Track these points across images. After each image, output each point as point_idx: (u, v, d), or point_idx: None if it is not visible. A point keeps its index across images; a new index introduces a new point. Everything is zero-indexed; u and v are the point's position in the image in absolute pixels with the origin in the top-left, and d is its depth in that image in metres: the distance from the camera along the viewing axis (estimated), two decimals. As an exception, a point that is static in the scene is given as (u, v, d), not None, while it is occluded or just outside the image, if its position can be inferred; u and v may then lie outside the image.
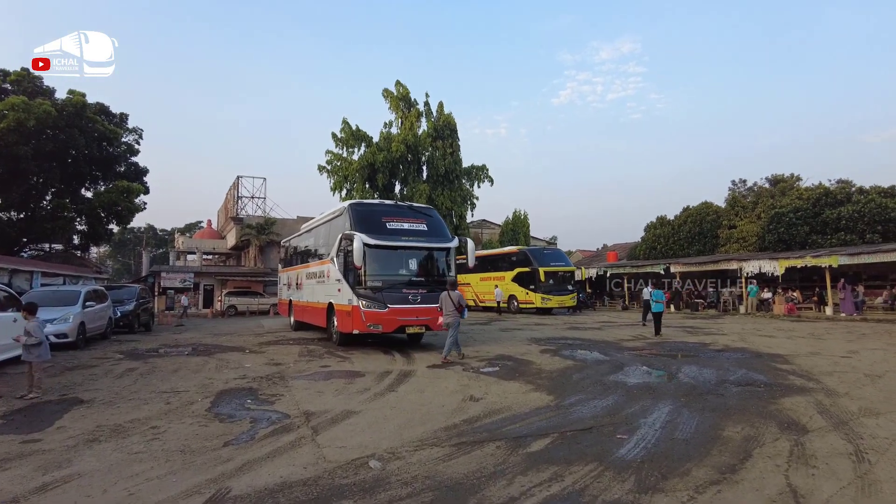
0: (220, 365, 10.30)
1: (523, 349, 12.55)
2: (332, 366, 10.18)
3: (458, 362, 10.43)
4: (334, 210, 14.24)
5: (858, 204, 27.08)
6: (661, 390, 7.51)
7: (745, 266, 26.21)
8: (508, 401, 6.95)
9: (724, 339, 14.47)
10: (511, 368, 9.69)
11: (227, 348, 13.29)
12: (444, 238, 12.94)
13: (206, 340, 15.54)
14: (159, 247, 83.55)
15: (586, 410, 6.42)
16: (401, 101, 39.47)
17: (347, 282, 12.25)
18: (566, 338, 15.45)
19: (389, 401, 7.02)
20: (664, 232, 35.97)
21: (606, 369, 9.52)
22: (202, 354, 12.01)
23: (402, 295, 12.00)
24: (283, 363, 10.50)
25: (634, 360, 10.60)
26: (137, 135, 28.78)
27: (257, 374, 9.22)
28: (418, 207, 13.65)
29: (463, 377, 8.81)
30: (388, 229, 12.29)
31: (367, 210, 12.98)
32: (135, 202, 27.08)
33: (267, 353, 12.29)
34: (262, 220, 40.07)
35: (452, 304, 10.87)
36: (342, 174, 36.28)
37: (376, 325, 11.74)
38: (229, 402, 7.07)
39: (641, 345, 13.50)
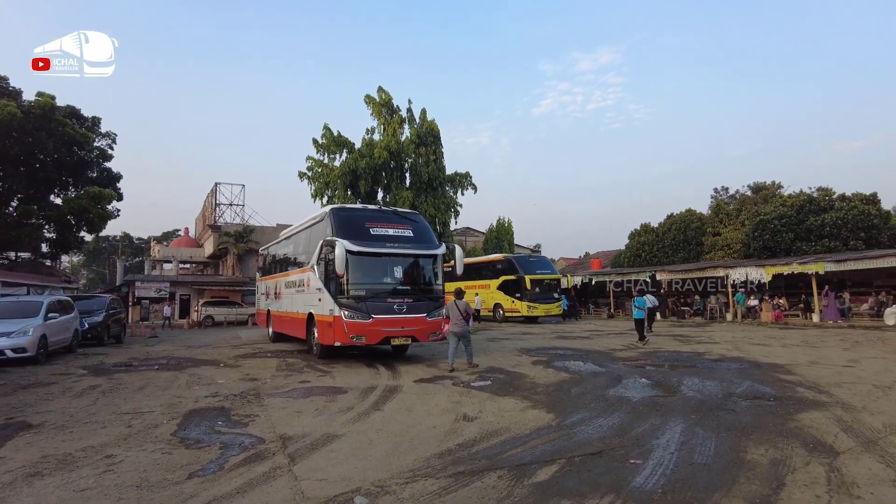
0: (191, 381, 9.56)
1: (514, 360, 12.00)
2: (311, 381, 9.51)
3: (448, 376, 9.84)
4: (315, 215, 13.59)
5: (841, 211, 27.15)
6: (668, 406, 7.00)
7: (732, 273, 26.08)
8: (506, 420, 6.37)
9: (717, 348, 14.10)
10: (504, 382, 9.12)
11: (200, 362, 12.51)
12: (430, 244, 12.36)
13: (180, 353, 14.71)
14: (135, 256, 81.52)
15: (592, 431, 5.86)
16: (383, 108, 38.88)
17: (329, 291, 11.60)
18: (556, 348, 14.95)
19: (375, 422, 6.39)
20: (649, 239, 35.84)
21: (604, 382, 9.00)
22: (173, 369, 11.22)
23: (387, 304, 11.38)
24: (259, 378, 9.80)
25: (631, 372, 10.11)
26: (111, 139, 27.75)
27: (231, 391, 8.52)
28: (404, 212, 13.06)
29: (454, 393, 8.22)
30: (371, 235, 11.68)
31: (350, 215, 12.36)
32: (107, 209, 26.03)
33: (243, 366, 11.56)
34: (241, 228, 39.09)
35: (459, 313, 10.74)
36: (323, 181, 35.50)
37: (359, 337, 11.10)
38: (198, 424, 6.38)
39: (635, 355, 13.04)
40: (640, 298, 16.28)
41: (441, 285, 12.46)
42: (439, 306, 12.11)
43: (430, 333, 11.83)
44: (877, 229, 26.74)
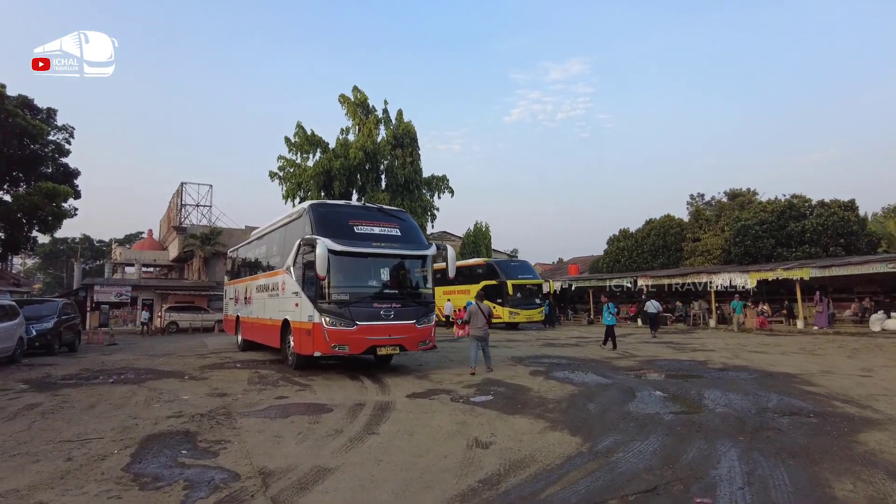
0: (150, 397, 8.33)
1: (510, 371, 11.08)
2: (289, 396, 8.40)
3: (444, 390, 8.86)
4: (291, 212, 12.46)
5: (821, 217, 27.15)
6: (707, 426, 6.15)
7: (715, 279, 25.71)
8: (526, 446, 5.42)
9: (716, 356, 13.45)
10: (507, 397, 8.18)
11: (162, 373, 11.23)
12: (419, 244, 11.37)
13: (139, 363, 13.34)
14: (96, 259, 78.07)
15: (633, 459, 4.96)
16: (358, 108, 37.76)
17: (307, 295, 10.50)
18: (548, 356, 14.12)
19: (372, 450, 5.36)
20: (628, 245, 35.48)
21: (618, 396, 8.15)
22: (130, 382, 9.93)
23: (373, 310, 10.34)
24: (229, 393, 8.63)
25: (641, 384, 9.29)
26: (68, 133, 25.96)
27: (197, 409, 7.36)
28: (390, 210, 12.02)
29: (455, 411, 7.23)
30: (356, 234, 10.63)
31: (331, 211, 11.29)
32: (63, 207, 24.21)
33: (210, 379, 10.34)
34: (208, 230, 37.39)
35: (483, 316, 10.95)
36: (296, 181, 34.15)
37: (342, 346, 10.02)
38: (157, 454, 5.26)
39: (634, 364, 12.27)
40: (611, 304, 16.28)
41: (431, 289, 11.47)
42: (429, 312, 11.12)
43: (419, 342, 10.83)
44: (855, 235, 26.80)
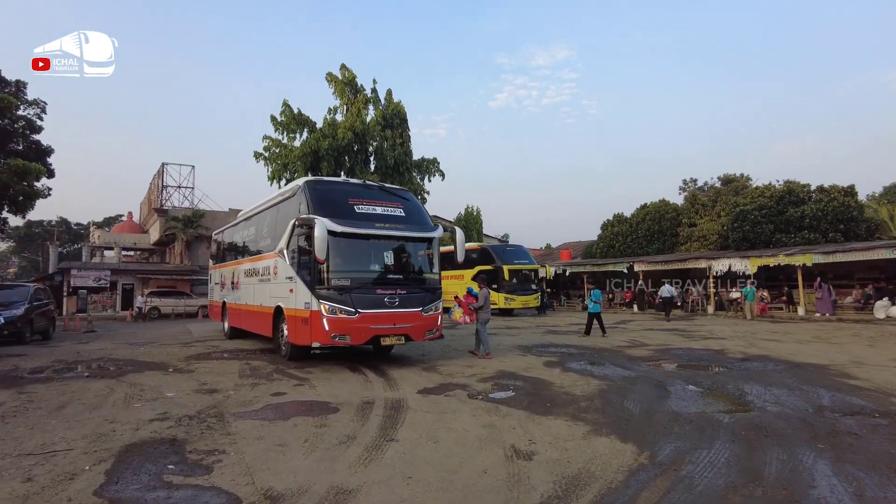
0: (130, 395, 7.41)
1: (521, 362, 10.33)
2: (287, 393, 7.54)
3: (458, 384, 8.07)
4: (284, 190, 11.49)
5: (821, 203, 26.69)
6: (772, 429, 5.41)
7: (715, 265, 25.23)
8: (574, 455, 4.64)
9: (731, 345, 12.84)
10: (530, 393, 7.41)
11: (143, 365, 10.28)
12: (425, 226, 10.49)
13: (119, 353, 12.35)
14: (74, 242, 75.78)
15: (709, 474, 4.20)
16: (346, 87, 36.49)
17: (303, 280, 9.60)
18: (554, 344, 13.41)
19: (396, 463, 4.54)
20: (622, 230, 34.90)
21: (650, 392, 7.43)
22: (108, 377, 8.97)
23: (377, 297, 9.47)
24: (219, 389, 7.75)
25: (669, 377, 8.59)
26: (40, 108, 24.43)
27: (184, 409, 6.47)
28: (392, 188, 11.10)
29: (477, 410, 6.44)
30: (356, 213, 9.72)
31: (329, 189, 10.35)
32: (35, 186, 22.82)
33: (197, 372, 9.42)
34: (190, 213, 36.09)
35: None
36: (282, 162, 32.91)
37: (343, 336, 9.16)
38: (138, 470, 4.39)
39: (648, 353, 11.60)
40: (597, 291, 16.06)
41: (438, 274, 10.62)
42: (436, 299, 10.29)
43: (425, 331, 10.01)
44: (855, 221, 26.43)
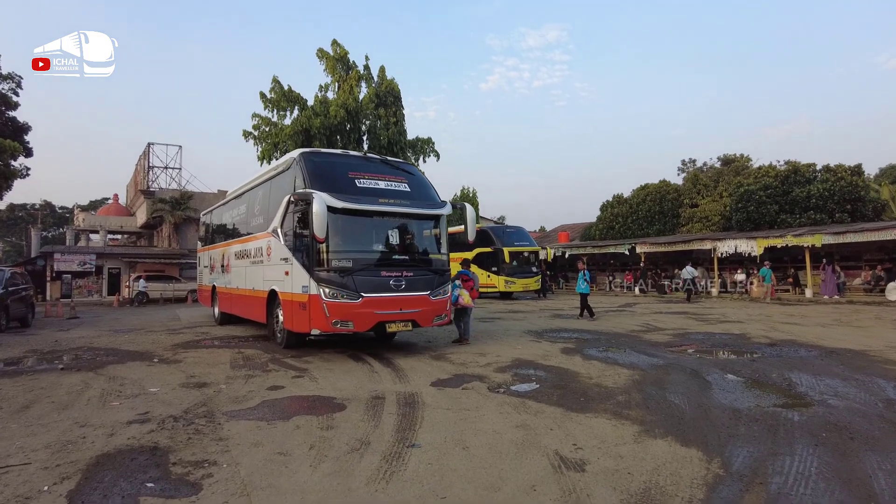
0: (108, 390, 6.57)
1: (535, 349, 9.60)
2: (285, 386, 6.74)
3: (474, 376, 7.29)
4: (277, 164, 10.58)
5: (828, 182, 26.05)
6: (856, 430, 4.68)
7: (720, 246, 24.64)
8: (634, 465, 3.88)
9: (751, 329, 12.23)
10: (557, 385, 6.66)
11: (126, 355, 9.43)
12: (433, 202, 9.66)
13: (100, 341, 11.49)
14: (59, 226, 74.13)
15: (807, 491, 3.45)
16: (338, 63, 35.18)
17: (300, 262, 8.76)
18: (565, 329, 12.72)
19: (422, 476, 3.76)
20: (622, 211, 34.17)
21: (689, 382, 6.71)
22: (85, 369, 8.11)
23: (381, 279, 8.66)
24: (209, 383, 6.93)
25: (701, 364, 7.88)
26: (14, 83, 23.16)
27: (169, 408, 5.66)
28: (395, 162, 10.22)
29: (504, 406, 5.67)
30: (357, 188, 8.87)
31: (327, 161, 9.46)
32: (12, 165, 21.71)
33: (185, 362, 8.60)
34: (178, 194, 34.91)
35: None
36: (271, 141, 31.68)
37: (345, 323, 8.35)
38: (110, 489, 3.59)
39: (667, 338, 10.92)
40: (587, 273, 15.70)
41: (446, 255, 9.82)
42: (445, 282, 9.50)
43: (434, 316, 9.23)
44: (862, 201, 25.86)
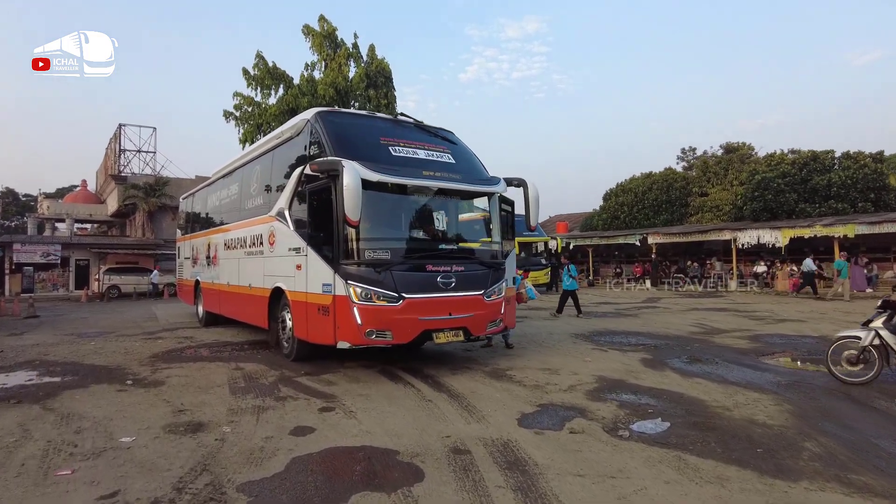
0: (57, 441, 4.48)
1: (609, 361, 7.78)
2: (315, 427, 4.78)
3: (565, 406, 5.41)
4: (282, 130, 8.49)
5: (849, 170, 24.69)
6: None
7: (741, 236, 23.16)
8: None
9: (823, 328, 10.59)
10: (693, 423, 4.84)
11: (90, 373, 7.30)
12: (484, 177, 7.71)
13: (59, 351, 9.30)
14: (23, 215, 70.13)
15: None
16: (326, 40, 32.78)
17: (320, 253, 6.76)
18: (613, 331, 11.04)
19: None
20: (627, 200, 32.52)
21: (862, 414, 4.93)
22: (29, 399, 5.91)
23: (426, 276, 6.69)
24: (206, 423, 4.91)
25: (834, 382, 6.08)
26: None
27: (151, 480, 3.64)
28: (433, 128, 8.16)
29: (652, 464, 3.84)
30: (393, 157, 6.87)
31: (352, 123, 7.46)
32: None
33: (168, 384, 6.53)
34: (152, 180, 32.22)
35: None
36: (255, 122, 29.20)
37: (383, 333, 6.38)
38: None
39: (744, 343, 9.25)
40: (572, 266, 14.60)
41: (501, 243, 7.88)
42: (500, 278, 7.56)
43: (487, 322, 7.30)
44: (886, 189, 24.56)
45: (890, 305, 6.06)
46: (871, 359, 6.00)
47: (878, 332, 5.89)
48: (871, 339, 5.94)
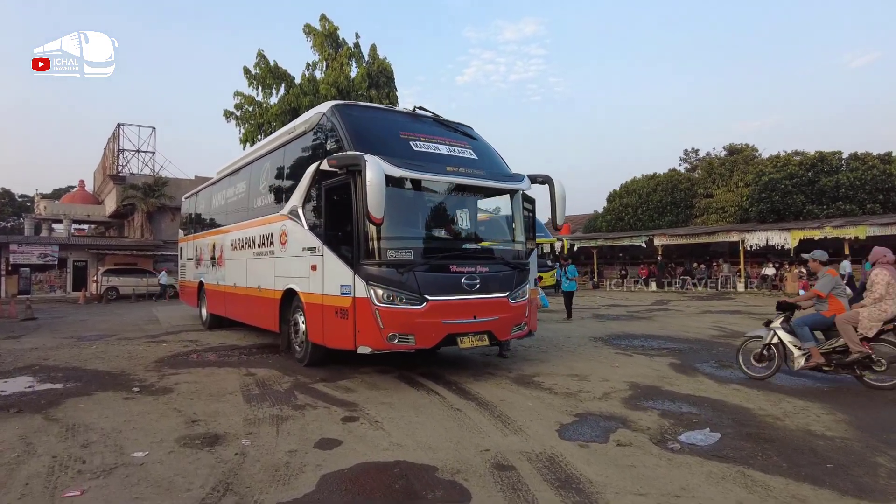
0: (63, 457, 4.12)
1: (638, 367, 7.46)
2: (341, 439, 4.45)
3: (603, 415, 5.08)
4: (294, 125, 8.14)
5: (857, 171, 24.46)
6: None
7: (749, 238, 22.94)
8: None
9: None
10: (745, 434, 4.53)
11: (93, 380, 6.94)
12: (507, 174, 7.38)
13: (59, 355, 8.93)
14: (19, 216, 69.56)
15: None
16: (327, 40, 32.45)
17: (338, 253, 6.42)
18: (632, 334, 10.77)
19: None
20: (631, 201, 32.24)
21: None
22: (30, 409, 5.52)
23: (450, 277, 6.35)
24: (223, 435, 4.57)
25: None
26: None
27: (170, 498, 3.31)
28: (452, 122, 7.84)
29: (715, 481, 3.54)
30: (414, 152, 6.54)
31: (370, 117, 7.12)
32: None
33: (178, 391, 6.18)
34: (151, 180, 31.78)
35: None
36: (255, 122, 28.84)
37: (405, 337, 6.04)
38: None
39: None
40: (572, 267, 14.30)
41: (524, 242, 7.55)
42: (524, 280, 7.23)
43: (512, 326, 6.97)
44: (895, 191, 24.34)
45: (785, 307, 6.52)
46: (772, 356, 6.44)
47: (776, 331, 6.35)
48: (770, 338, 6.41)
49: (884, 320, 5.67)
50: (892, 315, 5.67)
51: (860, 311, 5.79)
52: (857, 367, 5.80)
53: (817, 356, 5.95)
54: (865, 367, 5.80)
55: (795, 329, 6.20)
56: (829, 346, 6.01)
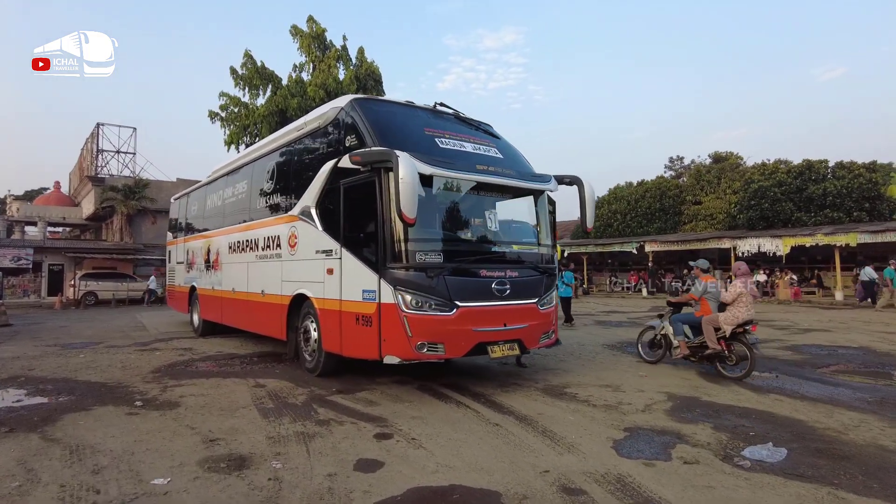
0: (72, 486, 3.61)
1: (667, 377, 7.20)
2: (384, 461, 4.05)
3: (656, 430, 4.76)
4: (307, 119, 7.70)
5: (844, 179, 24.77)
6: None
7: (741, 245, 22.97)
8: None
9: (862, 339, 10.25)
10: (812, 450, 4.27)
11: (89, 393, 6.39)
12: (533, 174, 7.04)
13: (45, 365, 8.32)
14: (-12, 219, 67.19)
15: None
16: (314, 41, 31.99)
17: (361, 255, 6.02)
18: (644, 342, 10.36)
19: None
20: (620, 208, 32.29)
21: None
22: (24, 427, 4.96)
23: (481, 282, 5.98)
24: (248, 456, 4.13)
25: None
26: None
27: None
28: (473, 120, 7.48)
29: None
30: (441, 150, 6.17)
31: (392, 112, 6.74)
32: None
33: (185, 405, 5.68)
34: (132, 181, 30.86)
35: None
36: (241, 123, 28.26)
37: (435, 346, 5.65)
38: None
39: (791, 354, 8.79)
40: (568, 273, 14.19)
41: (551, 246, 7.22)
42: (552, 285, 6.91)
43: (541, 334, 6.62)
44: (880, 199, 24.71)
45: (672, 304, 7.91)
46: (663, 344, 7.75)
47: (664, 325, 7.66)
48: (660, 330, 7.76)
49: (736, 323, 6.67)
50: (744, 319, 6.68)
51: (719, 315, 6.88)
52: (715, 359, 7.00)
53: (684, 349, 7.27)
54: (721, 360, 6.97)
55: (672, 324, 7.52)
56: (699, 341, 7.13)
